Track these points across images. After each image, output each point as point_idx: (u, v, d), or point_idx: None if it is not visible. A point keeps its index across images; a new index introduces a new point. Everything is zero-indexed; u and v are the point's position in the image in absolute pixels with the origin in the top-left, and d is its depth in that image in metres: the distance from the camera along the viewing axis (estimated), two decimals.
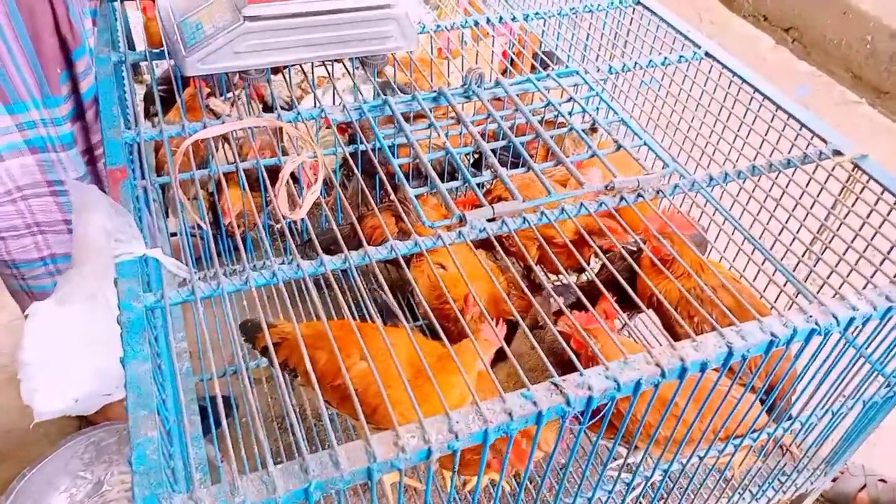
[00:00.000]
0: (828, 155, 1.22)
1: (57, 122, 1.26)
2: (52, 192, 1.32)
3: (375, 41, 1.25)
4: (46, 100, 1.23)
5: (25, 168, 1.28)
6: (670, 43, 1.54)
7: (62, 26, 1.20)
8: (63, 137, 1.27)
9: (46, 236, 1.37)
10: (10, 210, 1.31)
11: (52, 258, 1.40)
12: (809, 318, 0.90)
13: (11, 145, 1.25)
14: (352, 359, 1.17)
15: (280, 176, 1.05)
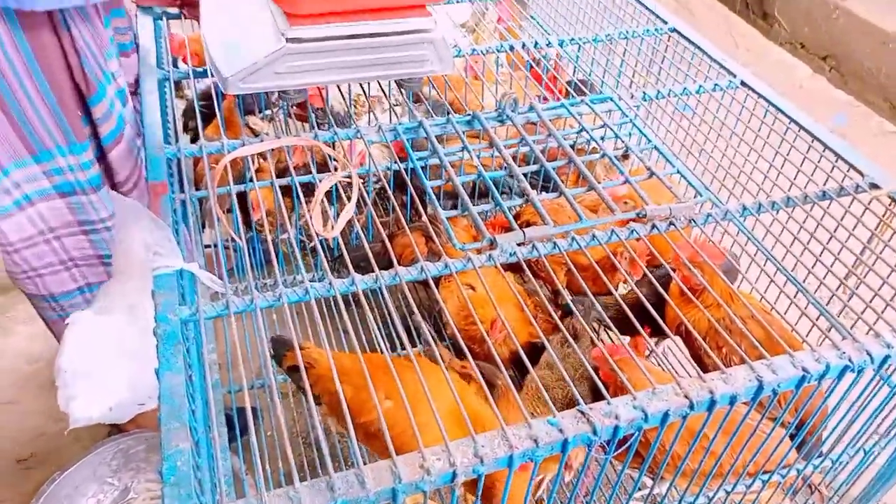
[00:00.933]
0: (864, 188, 1.20)
1: (85, 166, 1.28)
2: (83, 232, 1.35)
3: (412, 64, 1.27)
4: (73, 147, 1.26)
5: (55, 210, 1.32)
6: (705, 71, 1.54)
7: (76, 76, 1.23)
8: (91, 180, 1.30)
9: (81, 269, 1.40)
10: (45, 249, 1.35)
11: (89, 287, 1.43)
12: (843, 354, 0.89)
13: (41, 191, 1.29)
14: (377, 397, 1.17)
15: (315, 194, 1.07)
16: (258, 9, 1.24)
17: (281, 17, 1.18)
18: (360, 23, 1.19)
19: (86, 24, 1.23)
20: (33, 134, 1.22)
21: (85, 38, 1.22)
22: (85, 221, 1.33)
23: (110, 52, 1.32)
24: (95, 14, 1.26)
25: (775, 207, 1.17)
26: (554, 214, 1.57)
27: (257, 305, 0.89)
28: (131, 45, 1.46)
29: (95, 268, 1.41)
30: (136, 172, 1.38)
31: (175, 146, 1.18)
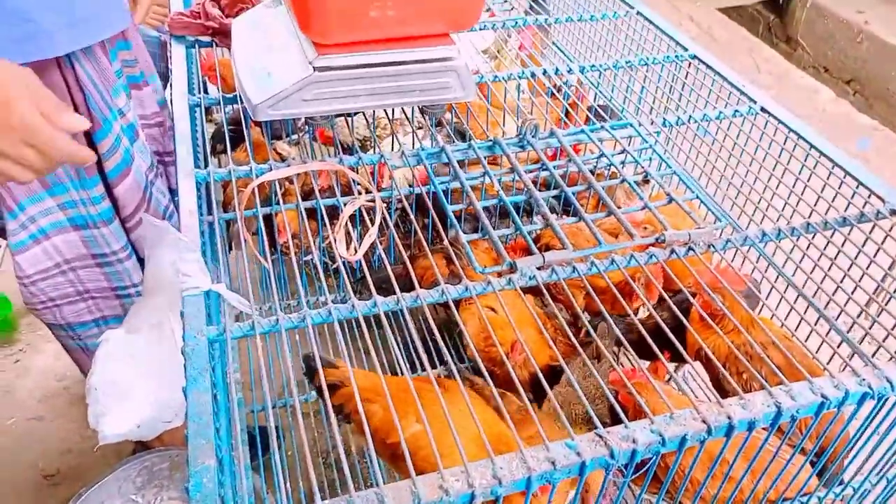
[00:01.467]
0: (885, 214, 1.20)
1: (95, 200, 1.30)
2: (97, 265, 1.36)
3: (436, 91, 1.30)
4: (83, 181, 1.28)
5: (70, 243, 1.34)
6: (725, 97, 1.55)
7: (80, 112, 1.23)
8: (102, 214, 1.32)
9: (97, 301, 1.41)
10: (61, 280, 1.37)
11: (104, 320, 1.45)
12: (862, 381, 0.89)
13: (56, 224, 1.32)
14: (407, 420, 1.18)
15: (340, 217, 1.10)
16: (287, 38, 1.28)
17: (309, 46, 1.22)
18: (386, 51, 1.22)
19: (90, 61, 1.25)
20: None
21: (90, 75, 1.24)
22: (98, 255, 1.35)
23: (117, 88, 1.34)
24: (101, 50, 1.28)
25: (795, 234, 1.18)
26: (573, 238, 1.58)
27: (282, 326, 0.92)
28: (141, 76, 1.48)
29: (110, 301, 1.43)
30: (143, 206, 1.40)
31: (205, 170, 1.21)
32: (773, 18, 4.81)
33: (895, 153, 3.16)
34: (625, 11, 1.83)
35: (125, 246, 1.36)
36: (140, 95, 1.48)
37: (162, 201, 1.44)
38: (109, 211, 1.32)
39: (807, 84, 3.68)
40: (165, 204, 1.47)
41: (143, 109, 1.49)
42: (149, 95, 1.51)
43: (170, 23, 1.56)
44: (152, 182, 1.42)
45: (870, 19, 4.16)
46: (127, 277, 1.39)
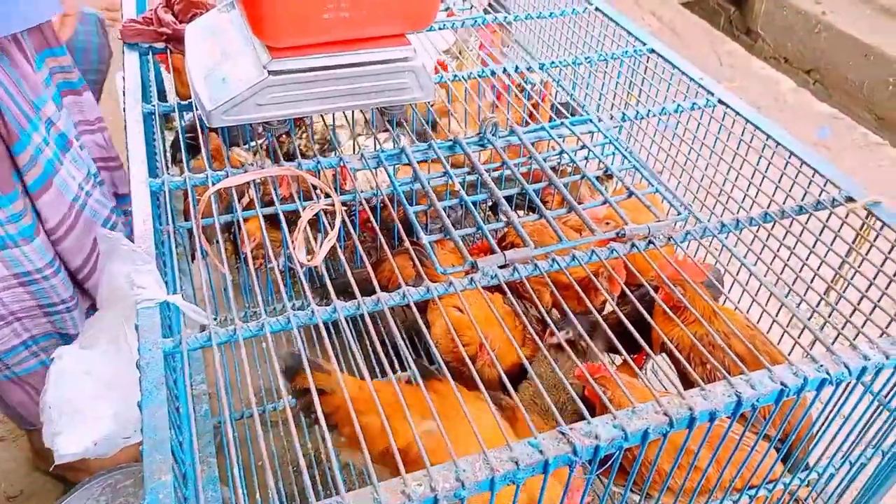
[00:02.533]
0: (840, 201, 1.22)
1: (14, 218, 1.23)
2: (20, 284, 1.29)
3: (393, 92, 1.29)
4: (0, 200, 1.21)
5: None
6: (684, 90, 1.57)
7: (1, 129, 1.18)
8: (23, 231, 1.25)
9: (23, 321, 1.35)
10: None
11: (33, 339, 1.39)
12: (820, 367, 0.90)
13: None
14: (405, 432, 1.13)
15: (298, 223, 1.08)
16: (241, 42, 1.26)
17: (263, 50, 1.20)
18: (341, 54, 1.21)
19: (5, 71, 1.19)
20: None
21: (4, 85, 1.17)
22: (21, 273, 1.28)
23: (43, 97, 1.28)
24: (22, 57, 1.22)
25: (753, 223, 1.19)
26: (538, 235, 1.59)
27: (240, 336, 0.90)
28: (80, 82, 1.42)
29: (38, 319, 1.36)
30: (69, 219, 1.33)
31: (160, 179, 1.19)
32: (734, 11, 4.88)
33: (856, 140, 3.22)
34: (583, 7, 1.84)
35: (50, 262, 1.29)
36: (80, 101, 1.42)
37: (101, 212, 1.38)
38: (31, 227, 1.25)
39: (768, 75, 3.73)
40: (106, 215, 1.40)
41: (83, 115, 1.43)
42: (89, 101, 1.45)
43: (122, 30, 1.52)
44: (89, 193, 1.36)
45: (827, 10, 4.23)
46: (55, 294, 1.32)
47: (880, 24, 4.08)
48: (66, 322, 1.39)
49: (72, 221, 1.30)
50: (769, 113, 3.39)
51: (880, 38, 3.94)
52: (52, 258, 1.31)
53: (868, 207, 1.20)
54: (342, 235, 1.69)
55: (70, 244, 1.29)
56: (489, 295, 1.43)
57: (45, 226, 1.28)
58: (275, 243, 1.67)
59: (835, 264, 1.17)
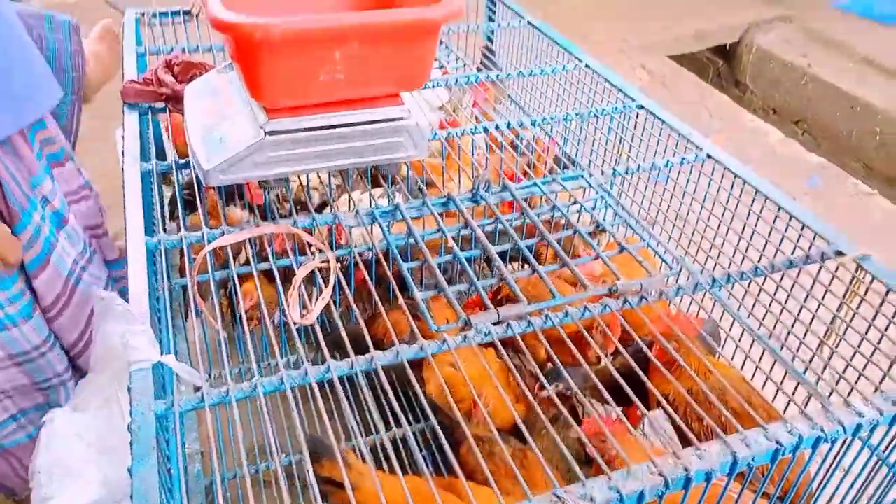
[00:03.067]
0: (830, 255, 1.23)
1: (14, 298, 1.23)
2: (14, 364, 1.28)
3: (388, 151, 1.31)
4: (1, 283, 1.21)
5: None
6: (673, 145, 1.60)
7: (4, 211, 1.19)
8: (22, 311, 1.24)
9: (13, 398, 1.33)
10: None
11: (22, 412, 1.37)
12: (815, 425, 0.89)
13: None
14: None
15: (293, 282, 1.09)
16: (239, 103, 1.29)
17: (260, 110, 1.23)
18: (336, 113, 1.24)
19: (7, 151, 1.19)
20: None
21: (6, 166, 1.18)
22: (17, 354, 1.27)
23: (40, 175, 1.29)
24: (20, 137, 1.22)
25: (744, 278, 1.20)
26: (534, 289, 1.59)
27: (233, 397, 0.90)
28: (62, 153, 1.43)
29: (30, 394, 1.34)
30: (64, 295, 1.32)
31: (156, 237, 1.20)
32: (722, 64, 5.00)
33: (847, 190, 3.25)
34: (573, 65, 1.89)
35: (47, 338, 1.28)
36: (63, 172, 1.42)
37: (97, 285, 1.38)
38: (29, 306, 1.24)
39: (757, 126, 3.80)
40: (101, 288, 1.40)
41: (67, 186, 1.43)
42: (71, 171, 1.45)
43: (123, 90, 1.56)
44: (84, 268, 1.35)
45: (812, 63, 4.34)
46: (50, 370, 1.31)
47: (865, 76, 4.18)
48: (60, 394, 1.37)
49: (67, 298, 1.29)
50: (759, 163, 3.44)
51: (865, 89, 4.03)
52: (49, 333, 1.29)
53: (858, 261, 1.21)
54: (337, 290, 1.70)
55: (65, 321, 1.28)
56: (483, 350, 1.43)
57: (41, 303, 1.27)
58: (270, 301, 1.67)
59: (826, 318, 1.17)
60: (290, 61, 1.11)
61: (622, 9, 5.03)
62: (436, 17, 1.15)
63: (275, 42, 1.06)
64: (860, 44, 4.39)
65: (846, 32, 4.56)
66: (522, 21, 2.14)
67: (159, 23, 2.06)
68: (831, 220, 3.15)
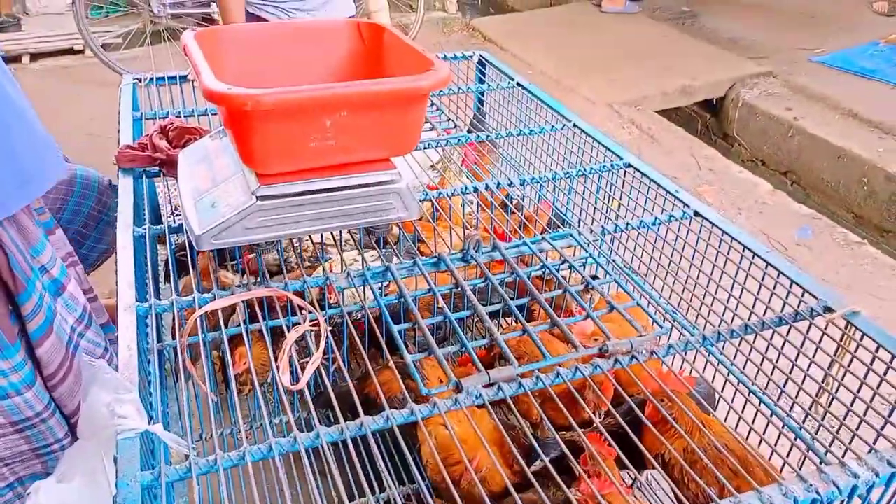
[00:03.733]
0: (819, 311, 1.24)
1: (18, 367, 1.22)
2: (16, 431, 1.27)
3: (379, 213, 1.33)
4: (5, 351, 1.20)
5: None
6: (661, 203, 1.62)
7: (3, 275, 1.18)
8: (25, 378, 1.23)
9: (12, 466, 1.32)
10: None
11: (20, 481, 1.36)
12: (810, 487, 0.89)
13: None
14: None
15: (283, 347, 1.09)
16: (231, 168, 1.31)
17: (252, 175, 1.25)
18: (328, 178, 1.26)
19: (11, 222, 1.20)
20: None
21: (11, 236, 1.19)
22: (19, 421, 1.26)
23: (42, 243, 1.30)
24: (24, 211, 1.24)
25: (735, 336, 1.20)
26: (525, 346, 1.59)
27: (220, 466, 0.89)
28: (52, 222, 1.45)
29: (28, 462, 1.33)
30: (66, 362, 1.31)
31: (147, 303, 1.20)
32: (710, 118, 5.11)
33: (836, 239, 3.29)
34: (562, 125, 1.93)
35: (48, 404, 1.28)
36: (54, 240, 1.44)
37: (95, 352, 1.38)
38: (31, 374, 1.24)
39: (746, 178, 3.86)
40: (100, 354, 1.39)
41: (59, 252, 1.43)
42: (61, 238, 1.48)
43: (118, 156, 1.58)
44: (81, 334, 1.36)
45: (798, 115, 4.43)
46: (51, 435, 1.30)
47: (849, 127, 4.27)
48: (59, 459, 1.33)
49: (68, 366, 1.28)
50: (749, 215, 3.49)
51: (851, 140, 4.11)
52: (49, 400, 1.29)
53: (847, 318, 1.22)
54: (329, 349, 1.70)
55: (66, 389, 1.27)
56: (475, 412, 1.42)
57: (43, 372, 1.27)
58: (262, 366, 1.66)
59: (818, 375, 1.17)
60: (280, 130, 1.13)
61: (610, 66, 5.17)
62: (424, 86, 1.18)
63: (266, 112, 1.09)
64: (843, 97, 4.50)
65: (829, 86, 4.68)
66: (512, 82, 2.19)
67: (156, 87, 2.11)
68: (821, 270, 3.17)
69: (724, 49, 5.39)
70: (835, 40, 5.41)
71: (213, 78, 1.09)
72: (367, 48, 1.49)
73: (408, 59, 1.33)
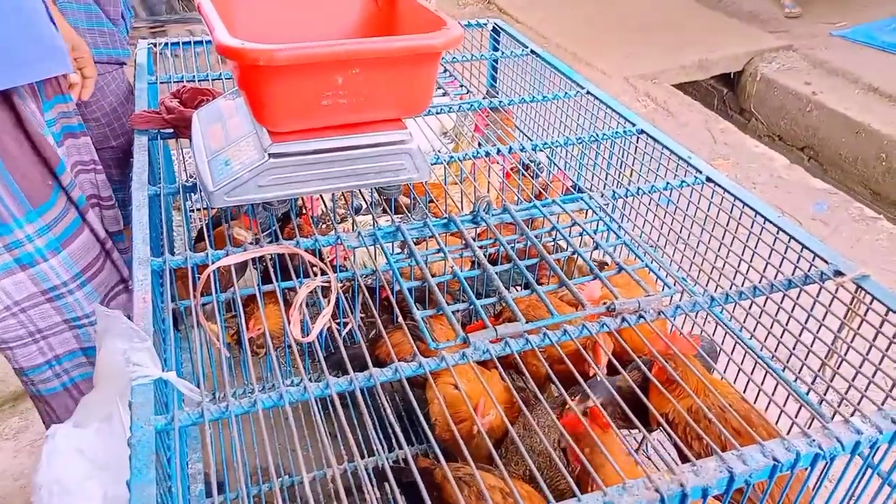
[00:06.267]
0: (829, 276, 1.24)
1: (42, 231, 1.32)
2: (47, 300, 1.38)
3: (390, 173, 1.33)
4: (28, 215, 1.30)
5: (19, 284, 1.36)
6: (674, 169, 1.61)
7: (39, 141, 1.31)
8: (49, 244, 1.33)
9: (49, 340, 1.42)
10: (12, 322, 1.39)
11: (57, 359, 1.46)
12: (812, 441, 0.89)
13: (3, 265, 1.33)
14: None
15: (294, 301, 1.11)
16: (244, 127, 1.32)
17: (264, 134, 1.26)
18: (339, 137, 1.26)
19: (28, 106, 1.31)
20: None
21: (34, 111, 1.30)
22: (48, 289, 1.36)
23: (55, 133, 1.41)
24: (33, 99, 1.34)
25: (743, 297, 1.20)
26: (533, 310, 1.60)
27: (232, 412, 0.91)
28: (80, 127, 1.55)
29: (62, 335, 1.42)
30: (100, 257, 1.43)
31: (161, 258, 1.22)
32: (727, 92, 5.04)
33: (852, 214, 3.25)
34: (575, 91, 1.92)
35: (76, 275, 1.37)
36: (77, 144, 1.54)
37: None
38: (56, 241, 1.33)
39: (762, 152, 3.82)
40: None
41: (80, 157, 1.54)
42: (86, 144, 1.56)
43: (132, 118, 1.60)
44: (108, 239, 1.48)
45: (817, 90, 4.37)
46: (79, 308, 1.39)
47: (869, 102, 4.20)
48: (92, 335, 1.45)
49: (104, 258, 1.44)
50: (765, 189, 3.45)
51: (870, 116, 4.04)
52: (79, 271, 1.39)
53: (856, 281, 1.21)
54: (341, 312, 1.71)
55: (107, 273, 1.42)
56: (485, 373, 1.43)
57: (98, 235, 1.42)
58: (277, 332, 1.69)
59: (826, 338, 1.17)
60: (293, 86, 1.14)
61: (626, 39, 5.10)
62: (436, 44, 1.18)
63: (278, 68, 1.09)
64: (863, 71, 4.42)
65: (849, 61, 4.59)
66: (525, 50, 2.18)
67: (170, 53, 2.12)
68: (837, 244, 3.15)
69: (744, 22, 5.30)
70: (857, 14, 5.30)
71: (227, 33, 1.10)
72: (381, 9, 1.48)
73: (421, 21, 1.33)
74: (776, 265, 1.32)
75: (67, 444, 0.97)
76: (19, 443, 2.09)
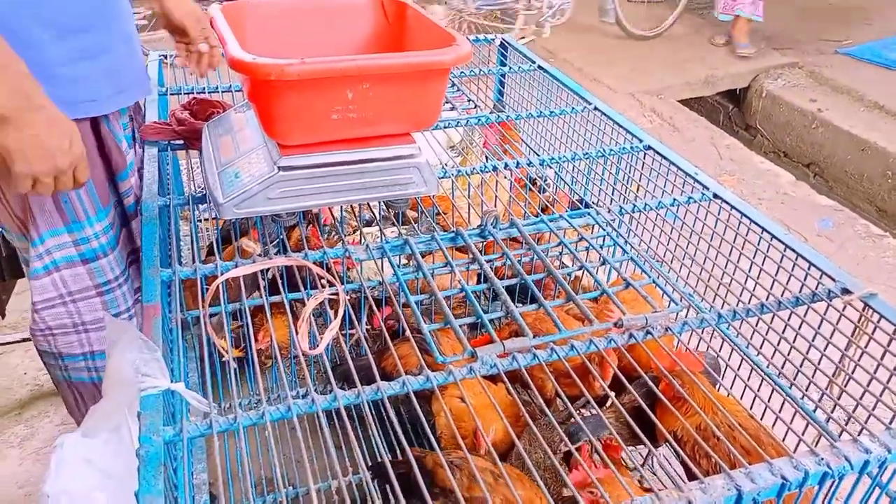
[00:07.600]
0: (836, 293, 1.24)
1: (107, 229, 1.42)
2: (98, 294, 1.46)
3: (399, 187, 1.34)
4: (99, 213, 1.39)
5: (77, 276, 1.43)
6: (680, 185, 1.62)
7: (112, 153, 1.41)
8: (110, 241, 1.44)
9: (90, 334, 1.50)
10: (60, 311, 1.45)
11: (92, 354, 1.52)
12: (821, 460, 0.89)
13: (67, 258, 1.40)
14: None
15: (302, 313, 1.11)
16: (255, 140, 1.33)
17: (274, 146, 1.27)
18: (348, 151, 1.27)
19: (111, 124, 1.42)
20: (70, 207, 1.35)
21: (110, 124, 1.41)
22: (102, 284, 1.45)
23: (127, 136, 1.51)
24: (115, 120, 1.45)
25: (750, 315, 1.20)
26: (540, 324, 1.60)
27: (240, 424, 0.91)
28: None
29: (102, 331, 1.50)
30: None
31: (171, 269, 1.23)
32: (732, 108, 5.06)
33: (857, 231, 3.25)
34: (582, 107, 1.93)
35: (123, 271, 1.49)
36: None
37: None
38: (115, 238, 1.45)
39: (768, 168, 3.82)
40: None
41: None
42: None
43: (143, 129, 1.61)
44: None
45: (822, 107, 4.38)
46: (123, 303, 1.50)
47: (874, 120, 4.21)
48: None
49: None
50: (771, 205, 3.46)
51: (876, 133, 4.05)
52: (125, 268, 1.50)
53: (864, 300, 1.21)
54: (347, 324, 1.72)
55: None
56: (492, 387, 1.43)
57: (135, 243, 1.52)
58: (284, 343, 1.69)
59: (834, 356, 1.17)
60: (303, 101, 1.15)
61: (632, 56, 5.13)
62: (445, 60, 1.19)
63: (289, 82, 1.10)
64: (869, 89, 4.44)
65: (854, 78, 4.61)
66: (532, 65, 2.19)
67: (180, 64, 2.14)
68: (843, 261, 3.15)
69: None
70: (863, 32, 5.33)
71: (239, 47, 1.11)
72: (391, 24, 1.50)
73: (430, 36, 1.34)
74: (783, 282, 1.32)
75: (76, 454, 0.97)
76: (24, 450, 2.09)
